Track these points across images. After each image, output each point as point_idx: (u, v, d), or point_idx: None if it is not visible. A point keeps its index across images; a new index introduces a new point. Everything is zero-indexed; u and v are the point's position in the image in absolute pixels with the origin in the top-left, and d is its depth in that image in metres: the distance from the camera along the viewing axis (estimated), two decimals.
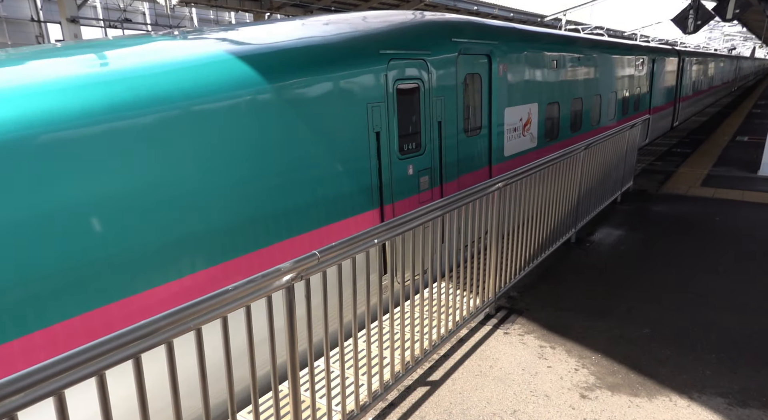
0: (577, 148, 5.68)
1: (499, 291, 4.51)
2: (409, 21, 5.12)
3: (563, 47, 8.11)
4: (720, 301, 4.74)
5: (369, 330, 3.02)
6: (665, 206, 7.94)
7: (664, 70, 14.97)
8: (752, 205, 7.91)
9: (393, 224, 3.04)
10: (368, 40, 4.42)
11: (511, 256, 4.60)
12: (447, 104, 5.07)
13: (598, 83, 9.50)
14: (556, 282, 5.22)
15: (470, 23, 5.97)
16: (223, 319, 2.15)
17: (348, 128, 4.06)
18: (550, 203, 5.24)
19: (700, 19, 9.10)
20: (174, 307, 1.93)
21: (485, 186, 3.94)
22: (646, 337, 4.14)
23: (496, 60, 5.82)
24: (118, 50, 3.67)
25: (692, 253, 5.93)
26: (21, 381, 1.49)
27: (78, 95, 2.70)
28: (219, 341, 2.16)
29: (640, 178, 10.20)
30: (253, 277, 2.23)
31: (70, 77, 2.84)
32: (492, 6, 19.10)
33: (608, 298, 4.82)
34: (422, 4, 15.12)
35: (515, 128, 6.48)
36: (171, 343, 1.94)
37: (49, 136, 2.54)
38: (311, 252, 2.49)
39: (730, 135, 15.67)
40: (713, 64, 27.31)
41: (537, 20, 21.50)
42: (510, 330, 4.27)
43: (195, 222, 3.05)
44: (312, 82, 3.76)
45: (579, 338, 4.12)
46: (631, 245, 6.26)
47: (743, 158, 11.61)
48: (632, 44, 12.81)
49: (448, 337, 3.87)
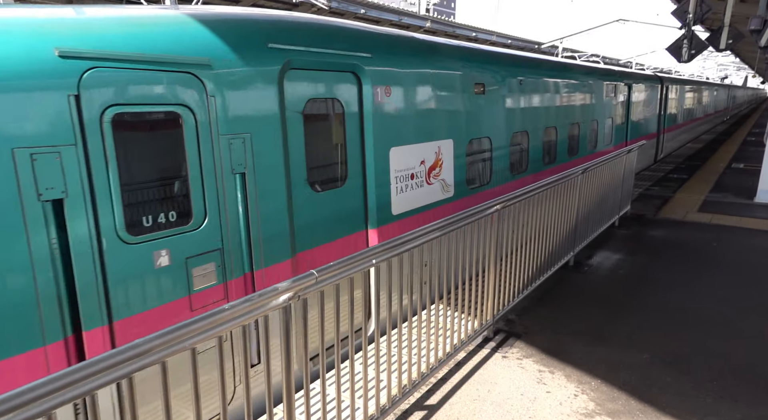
0: (575, 171, 5.71)
1: (497, 313, 4.47)
2: (166, 14, 3.26)
3: (495, 66, 6.35)
4: (720, 327, 4.70)
5: (366, 352, 2.98)
6: (663, 231, 7.95)
7: (643, 97, 13.60)
8: (749, 231, 7.93)
9: (391, 245, 3.03)
10: (32, 31, 2.61)
11: (509, 278, 4.57)
12: (260, 144, 3.41)
13: (553, 113, 7.95)
14: (554, 305, 5.18)
15: (312, 24, 4.03)
16: (219, 339, 2.12)
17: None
18: (548, 226, 5.24)
19: (694, 48, 9.28)
20: (168, 326, 1.91)
21: (484, 208, 3.94)
22: (646, 362, 4.09)
23: (368, 80, 4.20)
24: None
25: (691, 279, 5.91)
26: (7, 402, 1.46)
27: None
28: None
29: (637, 202, 10.25)
30: (250, 296, 2.21)
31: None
32: (490, 33, 19.48)
33: (607, 323, 4.78)
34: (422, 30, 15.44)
35: (412, 175, 4.84)
36: (165, 363, 1.91)
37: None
38: (309, 271, 2.47)
39: (726, 162, 15.81)
40: (703, 92, 25.81)
41: (534, 47, 21.93)
42: (508, 353, 4.21)
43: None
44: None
45: (578, 363, 4.06)
46: (630, 269, 6.24)
47: (740, 185, 11.69)
48: (601, 68, 11.33)
49: (446, 360, 3.82)
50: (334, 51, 3.96)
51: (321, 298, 2.63)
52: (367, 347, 2.98)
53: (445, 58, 5.44)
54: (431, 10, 18.80)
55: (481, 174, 6.19)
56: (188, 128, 3.03)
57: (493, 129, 6.22)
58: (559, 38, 22.22)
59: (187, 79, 3.00)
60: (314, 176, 3.91)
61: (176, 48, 2.98)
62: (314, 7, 12.79)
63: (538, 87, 7.38)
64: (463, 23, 19.03)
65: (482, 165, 6.20)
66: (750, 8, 14.79)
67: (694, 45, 9.18)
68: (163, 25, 3.08)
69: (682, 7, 9.06)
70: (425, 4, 18.29)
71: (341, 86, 4.08)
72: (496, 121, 6.28)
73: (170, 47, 2.96)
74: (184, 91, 2.98)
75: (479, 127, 5.92)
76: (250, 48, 3.39)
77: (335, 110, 4.08)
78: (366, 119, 4.27)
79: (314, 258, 3.88)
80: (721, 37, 9.47)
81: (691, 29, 9.11)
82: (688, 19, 8.98)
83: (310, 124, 3.83)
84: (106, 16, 2.92)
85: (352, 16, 13.78)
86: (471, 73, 5.73)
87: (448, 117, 5.34)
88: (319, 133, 3.99)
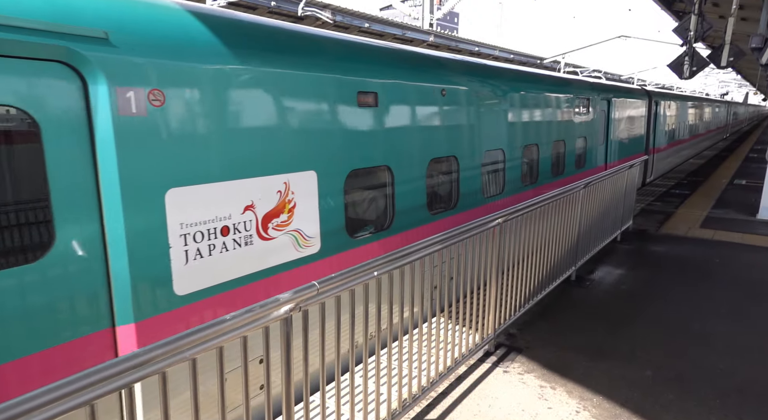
0: (577, 186, 5.71)
1: (498, 327, 4.44)
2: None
3: (399, 69, 4.74)
4: (723, 344, 4.66)
5: (366, 364, 2.96)
6: (665, 246, 7.93)
7: (626, 114, 12.01)
8: (752, 247, 7.90)
9: (393, 257, 3.03)
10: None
11: (511, 292, 4.55)
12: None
13: (497, 133, 6.26)
14: (556, 320, 5.16)
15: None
16: (219, 350, 2.11)
17: None
18: (550, 240, 5.23)
19: (695, 65, 9.35)
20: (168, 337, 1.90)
21: (485, 221, 3.95)
22: (649, 379, 4.05)
23: (101, 77, 2.61)
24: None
25: (693, 295, 5.88)
26: (7, 411, 1.45)
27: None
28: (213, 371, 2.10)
29: (639, 217, 10.23)
30: (251, 307, 2.20)
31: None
32: (493, 47, 19.64)
33: (609, 338, 4.75)
34: (425, 44, 15.60)
35: (225, 228, 3.22)
36: (165, 373, 1.90)
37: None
38: (310, 283, 2.47)
39: (728, 178, 15.83)
40: (699, 109, 23.54)
41: (537, 62, 22.12)
42: (510, 368, 4.18)
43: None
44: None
45: (580, 379, 4.03)
46: (632, 285, 6.22)
47: (742, 201, 11.68)
48: (569, 78, 9.73)
49: (447, 373, 3.79)
50: (17, 23, 2.36)
51: (322, 309, 2.63)
52: (367, 360, 2.96)
53: (301, 51, 3.78)
54: (434, 24, 19.00)
55: (379, 217, 4.55)
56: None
57: (395, 155, 4.58)
58: (561, 54, 22.39)
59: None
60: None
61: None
62: (319, 20, 12.96)
63: (474, 100, 5.72)
64: (465, 38, 19.24)
65: (375, 205, 4.53)
66: (750, 26, 14.93)
67: (695, 62, 9.25)
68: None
69: (683, 24, 9.16)
70: (429, 19, 18.49)
71: (35, 86, 2.46)
72: (400, 145, 4.63)
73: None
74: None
75: (369, 153, 4.31)
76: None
77: (22, 127, 2.49)
78: (102, 143, 2.65)
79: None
80: (722, 54, 9.55)
81: (692, 47, 9.19)
82: (690, 36, 9.06)
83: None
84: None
85: (356, 29, 13.94)
86: (353, 77, 4.09)
87: (305, 139, 3.71)
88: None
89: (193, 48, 3.04)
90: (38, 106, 2.46)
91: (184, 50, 2.98)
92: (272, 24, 3.93)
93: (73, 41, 2.52)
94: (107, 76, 2.61)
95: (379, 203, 4.60)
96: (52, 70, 2.50)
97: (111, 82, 2.62)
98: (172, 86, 2.88)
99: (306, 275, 3.71)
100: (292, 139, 3.61)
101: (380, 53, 4.75)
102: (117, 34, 2.68)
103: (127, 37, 2.72)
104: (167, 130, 2.88)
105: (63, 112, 2.55)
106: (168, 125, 2.87)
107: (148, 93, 2.77)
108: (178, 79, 2.91)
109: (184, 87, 2.94)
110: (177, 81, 2.91)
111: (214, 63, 3.10)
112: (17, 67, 2.38)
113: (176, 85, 2.90)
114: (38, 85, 2.46)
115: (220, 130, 3.14)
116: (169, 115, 2.87)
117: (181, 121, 2.94)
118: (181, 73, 2.93)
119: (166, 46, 2.90)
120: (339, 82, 3.97)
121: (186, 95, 2.96)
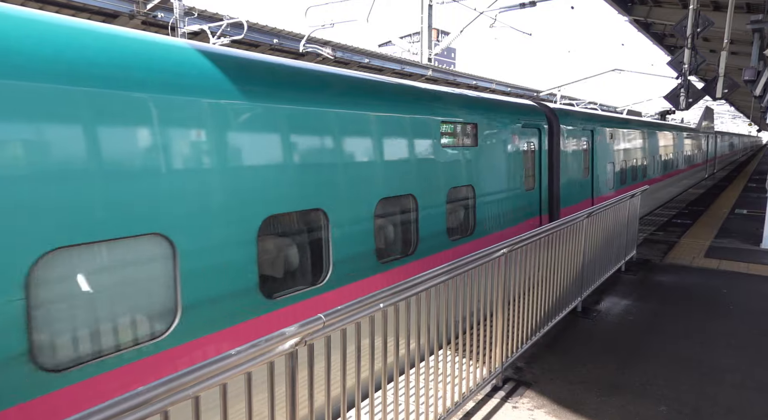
0: (580, 215, 5.70)
1: (506, 361, 4.33)
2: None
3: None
4: (737, 377, 4.53)
5: (372, 400, 2.86)
6: (671, 276, 7.84)
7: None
8: (759, 277, 7.82)
9: (398, 288, 2.98)
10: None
11: (517, 323, 4.46)
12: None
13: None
14: (564, 352, 5.03)
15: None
16: (222, 387, 2.04)
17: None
18: (555, 270, 5.18)
19: (691, 96, 9.52)
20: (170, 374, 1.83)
21: (491, 251, 3.91)
22: (663, 415, 3.91)
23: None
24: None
25: (702, 326, 5.76)
26: None
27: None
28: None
29: (642, 247, 10.17)
30: (256, 342, 2.14)
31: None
32: (490, 81, 20.08)
33: (620, 372, 4.62)
34: (423, 79, 15.94)
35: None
36: (167, 412, 1.82)
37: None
38: (316, 315, 2.41)
39: (729, 207, 15.84)
40: (668, 139, 17.53)
41: (533, 95, 22.55)
42: (519, 404, 4.05)
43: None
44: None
45: (592, 414, 3.89)
46: (640, 316, 6.11)
47: (745, 230, 11.65)
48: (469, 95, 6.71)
49: (455, 410, 3.66)
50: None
51: (327, 343, 2.56)
52: (374, 395, 2.87)
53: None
54: (432, 59, 19.50)
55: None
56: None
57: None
58: (558, 86, 22.84)
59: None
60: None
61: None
62: (319, 56, 13.27)
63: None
64: (463, 72, 19.68)
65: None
66: (741, 60, 15.30)
67: (691, 93, 9.42)
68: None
69: (678, 58, 9.37)
70: (428, 54, 18.99)
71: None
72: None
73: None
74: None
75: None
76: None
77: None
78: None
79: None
80: (716, 86, 9.73)
81: (687, 79, 9.38)
82: (684, 69, 9.26)
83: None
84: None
85: (356, 65, 14.27)
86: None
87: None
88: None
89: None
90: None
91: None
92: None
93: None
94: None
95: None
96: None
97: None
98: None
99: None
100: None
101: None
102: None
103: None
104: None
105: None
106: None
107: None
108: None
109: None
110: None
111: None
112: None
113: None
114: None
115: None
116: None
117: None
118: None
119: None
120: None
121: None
